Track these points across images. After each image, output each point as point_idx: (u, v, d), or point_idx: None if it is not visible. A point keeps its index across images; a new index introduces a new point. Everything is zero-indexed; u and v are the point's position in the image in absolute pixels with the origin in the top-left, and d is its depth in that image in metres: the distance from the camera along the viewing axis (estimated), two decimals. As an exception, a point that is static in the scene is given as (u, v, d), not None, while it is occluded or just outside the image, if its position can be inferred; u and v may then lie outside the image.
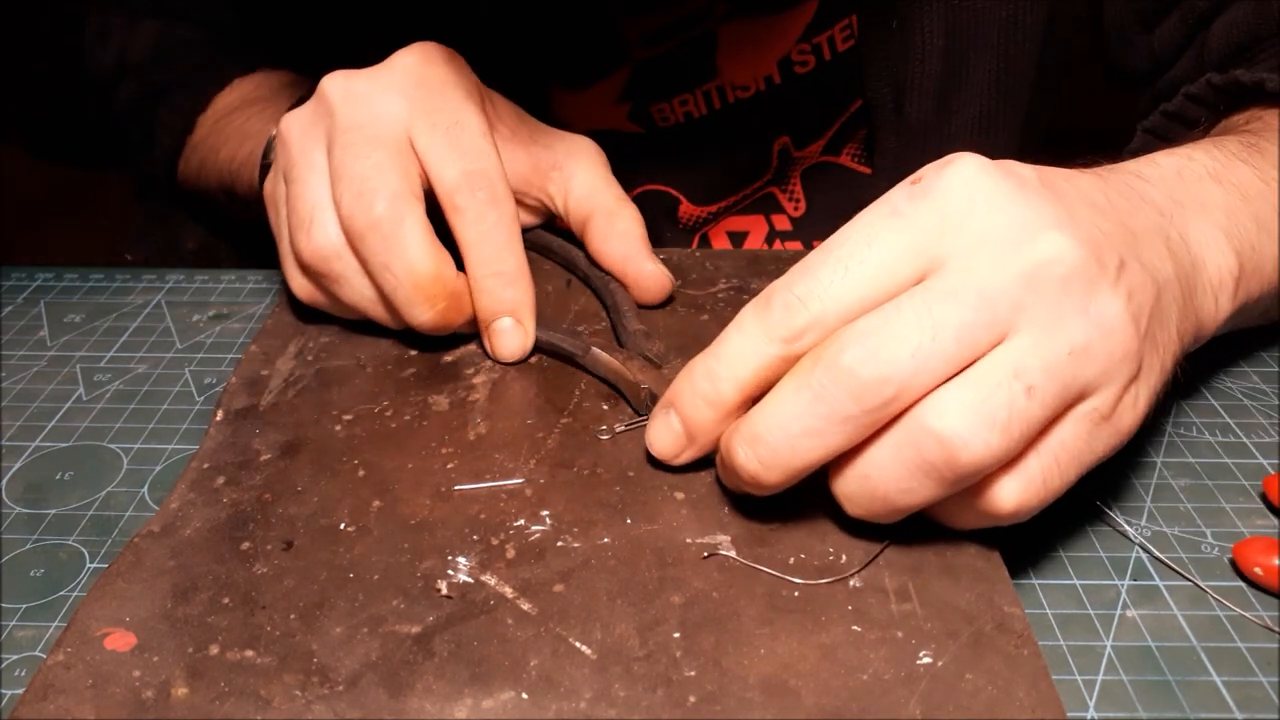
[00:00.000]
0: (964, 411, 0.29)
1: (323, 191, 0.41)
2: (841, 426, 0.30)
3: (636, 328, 0.43)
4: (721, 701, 0.28)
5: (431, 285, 0.40)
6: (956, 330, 0.29)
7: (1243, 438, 0.41)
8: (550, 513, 0.35)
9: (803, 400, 0.30)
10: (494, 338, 0.42)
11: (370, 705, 0.28)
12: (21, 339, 0.49)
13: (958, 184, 0.31)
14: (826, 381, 0.30)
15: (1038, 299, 0.30)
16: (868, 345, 0.30)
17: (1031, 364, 0.29)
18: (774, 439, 0.31)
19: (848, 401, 0.30)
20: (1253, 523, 0.37)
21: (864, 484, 0.31)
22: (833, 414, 0.30)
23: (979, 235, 0.31)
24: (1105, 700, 0.31)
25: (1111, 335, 0.30)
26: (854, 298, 0.31)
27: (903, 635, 0.30)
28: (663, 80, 0.58)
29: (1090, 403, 0.31)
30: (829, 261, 0.31)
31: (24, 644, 0.33)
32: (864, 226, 0.32)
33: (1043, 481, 0.31)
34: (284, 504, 0.35)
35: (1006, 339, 0.30)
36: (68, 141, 0.70)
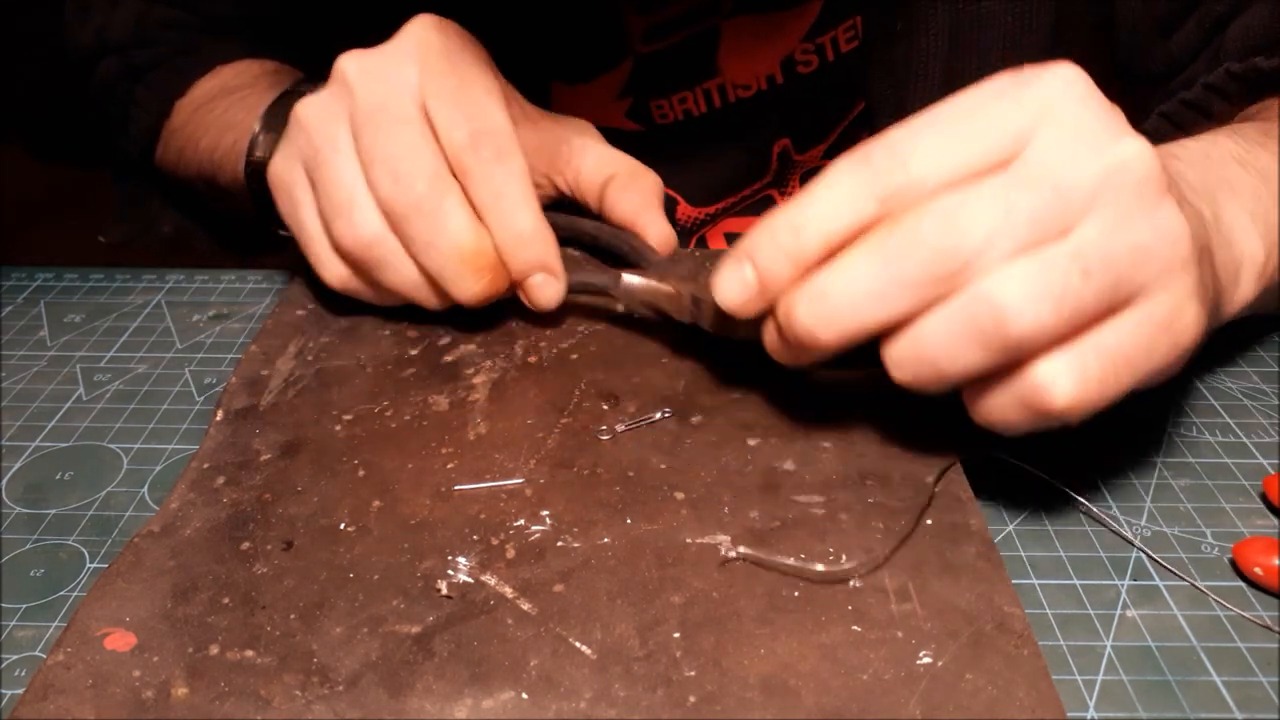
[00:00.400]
0: (1020, 282, 0.30)
1: (355, 176, 0.41)
2: (906, 291, 0.31)
3: (659, 259, 0.43)
4: (721, 701, 0.28)
5: (478, 258, 0.41)
6: (1030, 216, 0.30)
7: (1243, 438, 0.41)
8: (550, 513, 0.35)
9: (874, 263, 0.31)
10: (530, 293, 0.43)
11: (370, 705, 0.28)
12: (21, 339, 0.49)
13: (1061, 80, 0.32)
14: (900, 247, 0.31)
15: (1111, 196, 0.31)
16: (945, 218, 0.31)
17: (1092, 252, 0.30)
18: (839, 297, 0.32)
19: (916, 268, 0.31)
20: (1253, 523, 0.37)
21: (915, 346, 0.32)
22: (901, 278, 0.31)
23: (1070, 125, 0.31)
24: (1105, 700, 0.31)
25: (1174, 243, 0.31)
26: (952, 163, 0.32)
27: (903, 635, 0.30)
28: (663, 76, 0.58)
29: (1147, 305, 0.31)
30: (933, 126, 0.32)
31: (24, 644, 0.33)
32: (970, 98, 0.33)
33: (1099, 376, 0.31)
34: (284, 504, 0.35)
35: (1074, 229, 0.31)
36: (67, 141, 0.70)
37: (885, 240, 0.31)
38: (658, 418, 0.39)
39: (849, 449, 0.37)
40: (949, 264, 0.30)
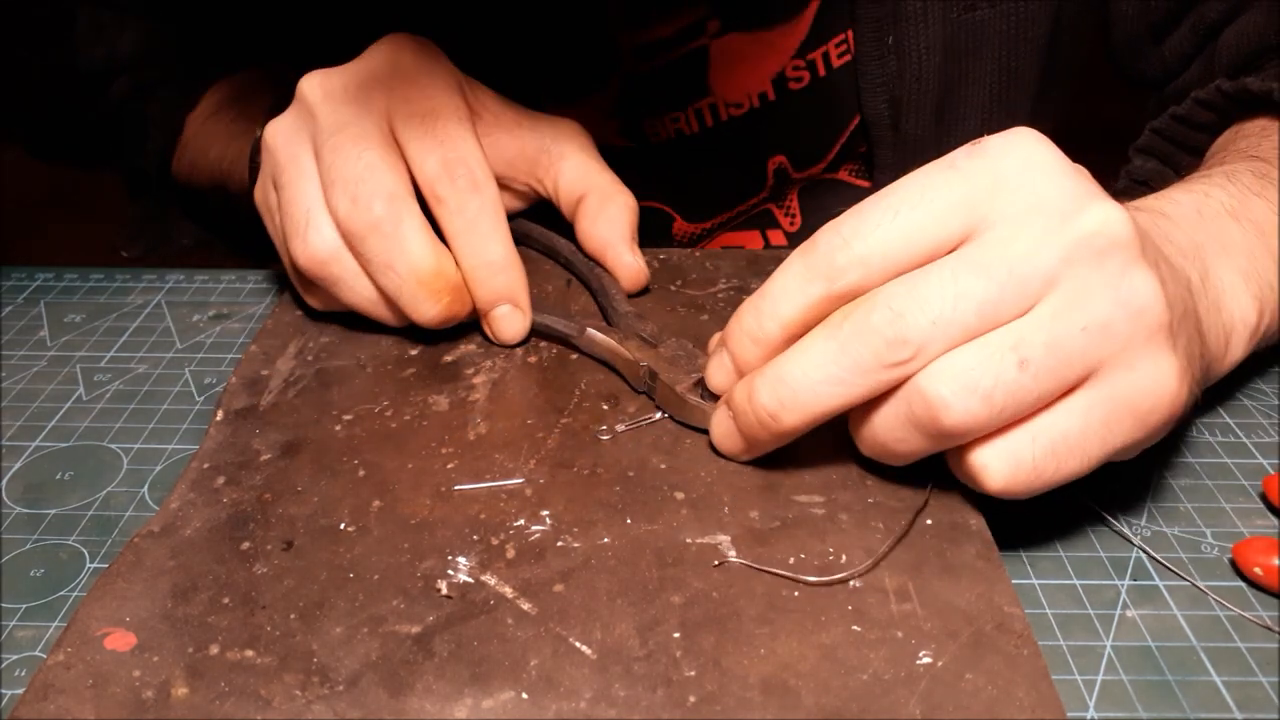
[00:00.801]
0: (953, 376, 0.30)
1: (315, 195, 0.41)
2: (860, 378, 0.32)
3: (626, 309, 0.43)
4: (721, 701, 0.28)
5: (435, 280, 0.41)
6: (979, 304, 0.30)
7: (1242, 438, 0.41)
8: (550, 513, 0.35)
9: (829, 349, 0.32)
10: (494, 324, 0.43)
11: (370, 705, 0.28)
12: (21, 339, 0.49)
13: (1017, 149, 0.32)
14: (852, 335, 0.31)
15: (1072, 272, 0.30)
16: (895, 308, 0.31)
17: (1035, 338, 0.30)
18: (797, 381, 0.32)
19: (868, 356, 0.31)
20: (1253, 523, 0.37)
21: (870, 432, 0.33)
22: (854, 365, 0.31)
23: (1029, 202, 0.31)
24: (1105, 700, 0.31)
25: (1139, 314, 0.30)
26: (899, 243, 0.32)
27: (902, 635, 0.30)
28: (654, 96, 0.58)
29: (1104, 383, 0.31)
30: (880, 206, 0.32)
31: (24, 644, 0.33)
32: (920, 177, 0.33)
33: (1033, 462, 0.31)
34: (284, 504, 0.35)
35: (1029, 311, 0.31)
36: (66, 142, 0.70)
37: (838, 327, 0.32)
38: (657, 418, 0.39)
39: (849, 449, 0.37)
40: (898, 352, 0.31)
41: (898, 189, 0.32)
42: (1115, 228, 0.31)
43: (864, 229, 0.32)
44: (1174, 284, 0.33)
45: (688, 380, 0.38)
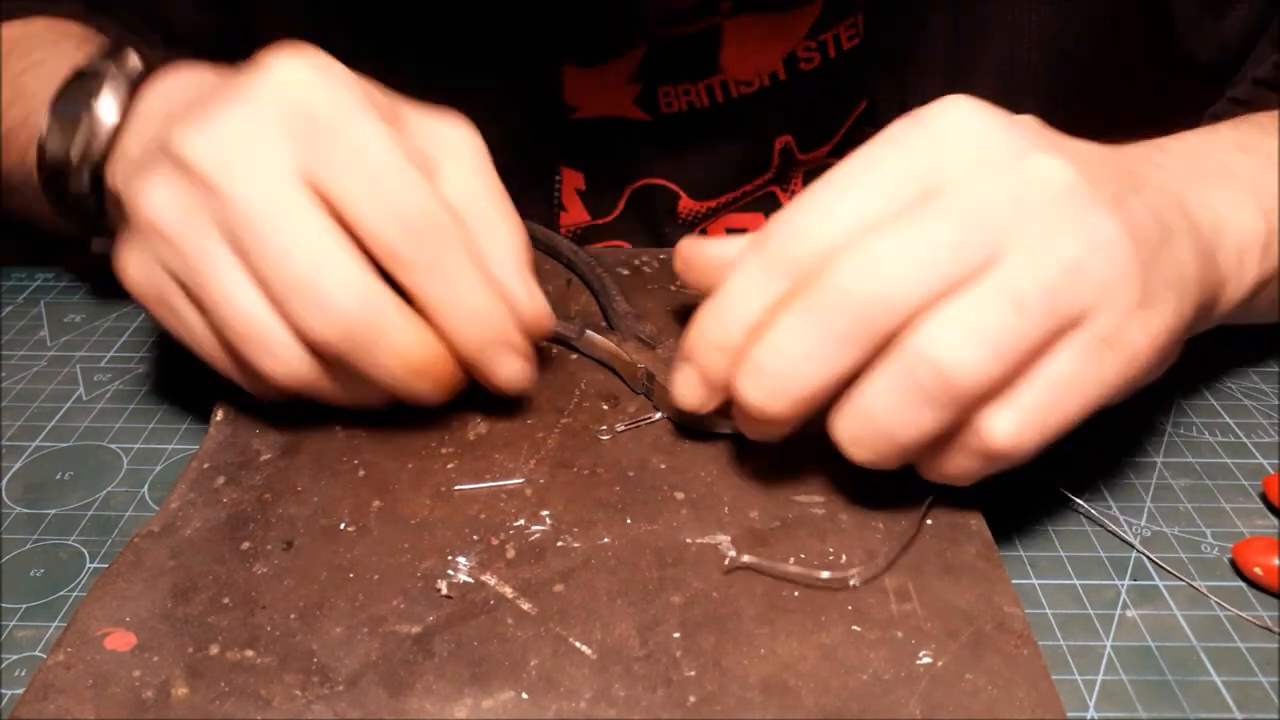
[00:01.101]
0: (953, 332, 0.29)
1: (260, 307, 0.34)
2: (840, 346, 0.30)
3: (626, 309, 0.43)
4: (721, 701, 0.28)
5: (430, 364, 0.36)
6: (948, 247, 0.30)
7: (1243, 438, 0.41)
8: (550, 513, 0.35)
9: (800, 323, 0.30)
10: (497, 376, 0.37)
11: (370, 705, 0.28)
12: (21, 339, 0.49)
13: (952, 114, 0.32)
14: (822, 301, 0.30)
15: (1028, 218, 0.30)
16: (860, 261, 0.30)
17: (1021, 282, 0.30)
18: (775, 366, 0.31)
19: (844, 319, 0.30)
20: (1253, 523, 0.37)
21: (867, 422, 0.31)
22: (830, 333, 0.30)
23: (973, 159, 0.31)
24: (1105, 700, 0.31)
25: (1108, 252, 0.30)
26: (855, 222, 0.31)
27: (902, 635, 0.30)
28: (672, 64, 0.57)
29: (1089, 327, 0.30)
30: (829, 188, 0.32)
31: (24, 644, 0.33)
32: (863, 155, 0.32)
33: (1040, 413, 0.30)
34: (284, 504, 0.35)
35: (999, 260, 0.30)
36: None
37: (807, 299, 0.31)
38: (657, 418, 0.39)
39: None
40: (875, 308, 0.30)
41: (843, 170, 0.32)
42: (1058, 173, 0.30)
43: (818, 214, 0.31)
44: (1148, 215, 0.32)
45: None
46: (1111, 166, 0.33)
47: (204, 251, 0.34)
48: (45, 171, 0.42)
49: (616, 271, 0.48)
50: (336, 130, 0.34)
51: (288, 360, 0.35)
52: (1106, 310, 0.30)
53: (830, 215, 0.31)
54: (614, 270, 0.48)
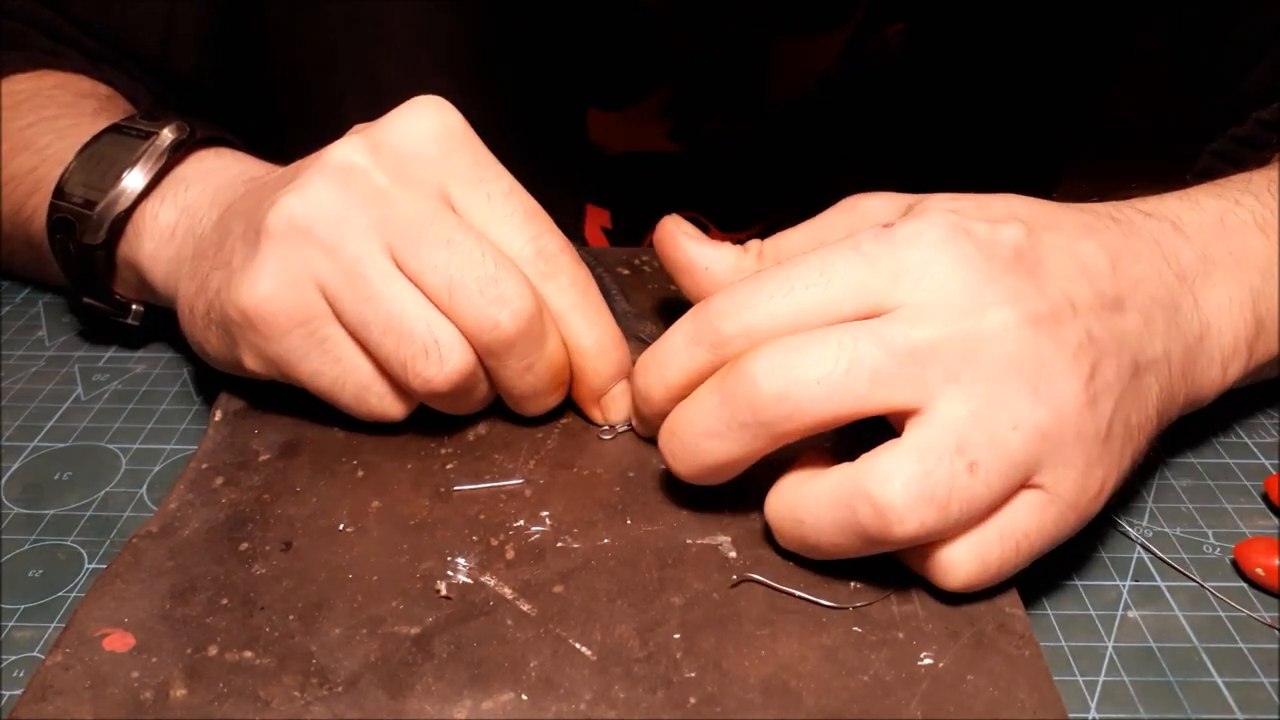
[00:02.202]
0: (906, 484, 0.29)
1: (421, 305, 0.34)
2: (740, 433, 0.31)
3: (626, 309, 0.43)
4: (722, 703, 0.28)
5: (564, 372, 0.37)
6: (873, 374, 0.29)
7: (1244, 438, 0.41)
8: (550, 513, 0.35)
9: (710, 402, 0.31)
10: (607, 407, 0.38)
11: (369, 706, 0.28)
12: (20, 339, 0.49)
13: (926, 239, 0.31)
14: (732, 387, 0.30)
15: (976, 371, 0.30)
16: (777, 360, 0.30)
17: (975, 439, 0.29)
18: (683, 434, 0.32)
19: (745, 410, 0.30)
20: (1254, 523, 0.37)
21: (796, 527, 0.31)
22: (732, 420, 0.30)
23: (931, 293, 0.30)
24: (1107, 701, 0.31)
25: (1065, 416, 0.30)
26: (790, 318, 0.31)
27: (904, 636, 0.30)
28: (706, 93, 0.57)
29: (1047, 485, 0.30)
30: (777, 278, 0.32)
31: (22, 645, 0.33)
32: (822, 255, 0.32)
33: (998, 561, 0.30)
34: (283, 504, 0.35)
35: (936, 403, 0.29)
36: None
37: (720, 379, 0.31)
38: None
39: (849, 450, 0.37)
40: (777, 409, 0.30)
41: (798, 263, 0.32)
42: (1013, 334, 0.30)
43: (756, 299, 0.31)
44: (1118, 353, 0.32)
45: None
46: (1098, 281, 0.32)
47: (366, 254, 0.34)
48: (57, 215, 0.43)
49: (616, 271, 0.48)
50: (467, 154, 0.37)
51: (444, 363, 0.34)
52: (1059, 469, 0.30)
53: (769, 307, 0.31)
54: (614, 270, 0.47)
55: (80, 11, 0.54)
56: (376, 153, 0.36)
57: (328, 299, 0.35)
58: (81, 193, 0.42)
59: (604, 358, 0.37)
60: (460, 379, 0.35)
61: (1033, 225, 0.33)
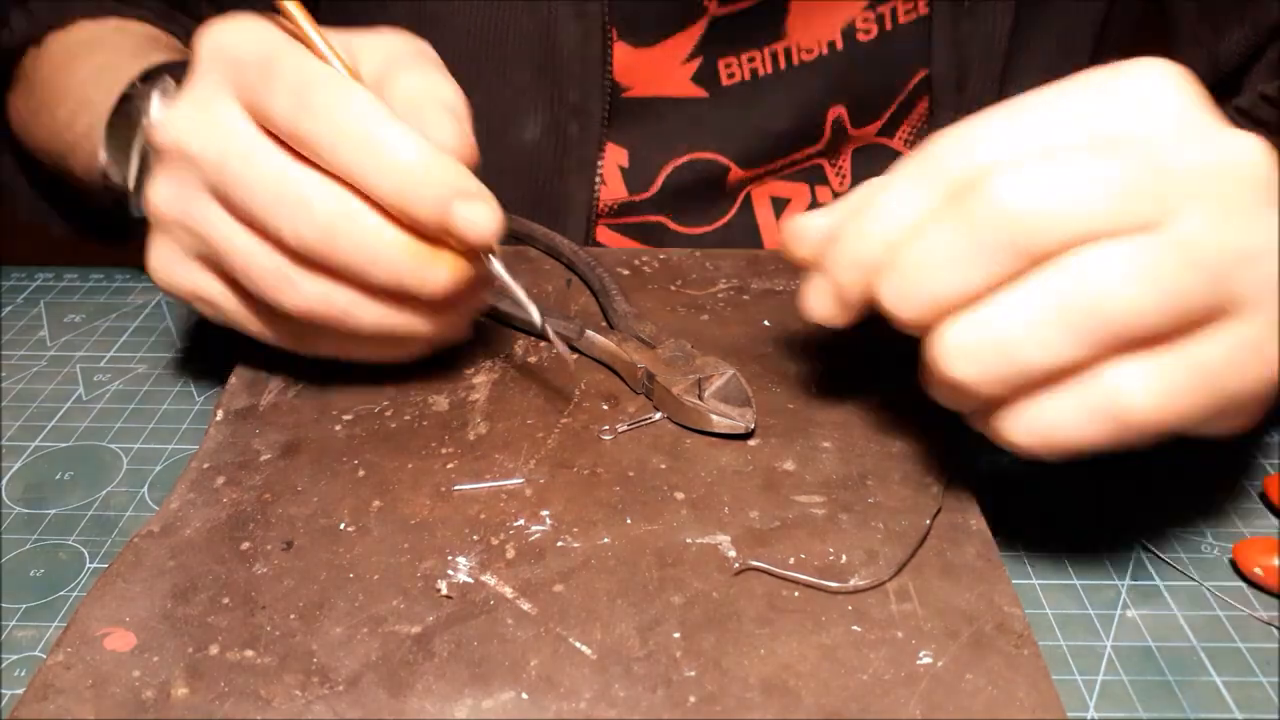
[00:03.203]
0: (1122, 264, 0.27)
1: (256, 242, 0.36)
2: (986, 258, 0.28)
3: (626, 309, 0.43)
4: (721, 702, 0.28)
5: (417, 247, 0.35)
6: (1122, 188, 0.28)
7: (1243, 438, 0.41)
8: (550, 513, 0.35)
9: (949, 230, 0.29)
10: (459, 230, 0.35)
11: (370, 705, 0.28)
12: (21, 339, 0.49)
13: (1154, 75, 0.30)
14: (975, 210, 0.28)
15: (1216, 189, 0.28)
16: (1026, 175, 0.28)
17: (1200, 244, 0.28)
18: (915, 269, 0.30)
19: (995, 231, 0.28)
20: (1253, 523, 0.37)
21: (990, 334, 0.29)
22: (978, 244, 0.28)
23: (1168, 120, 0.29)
24: (1105, 700, 0.31)
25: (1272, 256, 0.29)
26: (1022, 148, 0.29)
27: (903, 635, 0.30)
28: (734, 36, 0.56)
29: (1245, 321, 0.29)
30: (1006, 110, 0.30)
31: (24, 644, 0.33)
32: (1052, 89, 0.30)
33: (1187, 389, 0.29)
34: (284, 504, 0.35)
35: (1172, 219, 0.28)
36: None
37: (960, 206, 0.29)
38: (657, 418, 0.39)
39: (849, 449, 0.37)
40: (1029, 228, 0.28)
41: (1027, 98, 0.30)
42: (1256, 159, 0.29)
43: (985, 136, 0.30)
44: None
45: (684, 382, 0.38)
46: None
47: (204, 217, 0.36)
48: (111, 194, 0.45)
49: (616, 271, 0.48)
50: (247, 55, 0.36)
51: (296, 286, 0.36)
52: (1263, 311, 0.29)
53: (997, 136, 0.30)
54: (614, 270, 0.48)
55: None
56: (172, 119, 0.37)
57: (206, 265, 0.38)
58: (119, 175, 0.44)
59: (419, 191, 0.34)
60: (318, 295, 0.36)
61: None
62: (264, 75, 0.35)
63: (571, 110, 0.46)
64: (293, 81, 0.34)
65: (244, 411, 0.40)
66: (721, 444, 0.37)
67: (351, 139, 0.34)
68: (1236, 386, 0.29)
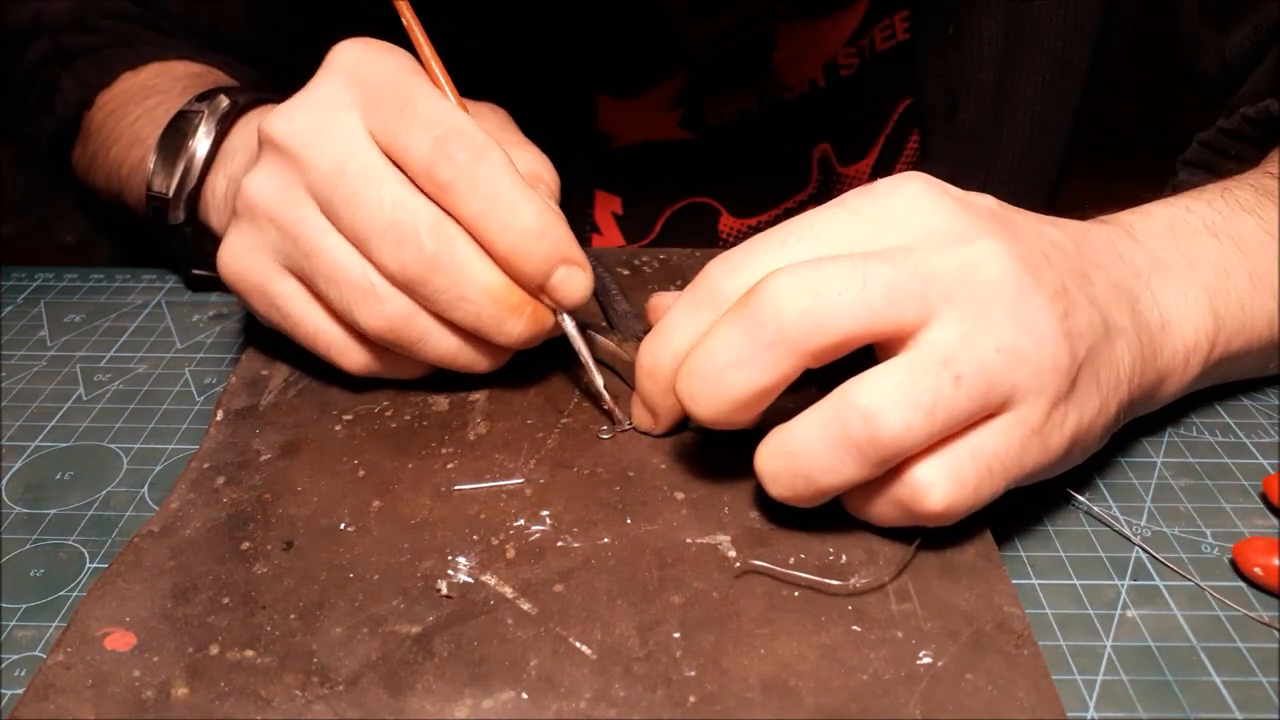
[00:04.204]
0: (892, 391, 0.30)
1: (354, 256, 0.37)
2: (765, 356, 0.30)
3: (626, 309, 0.43)
4: (721, 701, 0.28)
5: (511, 294, 0.37)
6: (886, 287, 0.30)
7: (1242, 438, 0.41)
8: (550, 513, 0.35)
9: (731, 331, 0.31)
10: (555, 293, 0.37)
11: (370, 705, 0.28)
12: (21, 339, 0.49)
13: (906, 191, 0.33)
14: (753, 309, 0.30)
15: (968, 293, 0.31)
16: (796, 278, 0.30)
17: (961, 355, 0.30)
18: (704, 370, 0.31)
19: (771, 329, 0.30)
20: (1253, 523, 0.37)
21: (789, 460, 0.31)
22: (757, 342, 0.30)
23: (920, 231, 0.32)
24: (1105, 700, 0.31)
25: (1041, 344, 0.31)
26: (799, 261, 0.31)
27: (903, 635, 0.30)
28: (718, 80, 0.57)
29: (1019, 410, 0.31)
30: (769, 238, 0.33)
31: (24, 644, 0.33)
32: (811, 215, 0.33)
33: (974, 479, 0.31)
34: (284, 504, 0.35)
35: (931, 324, 0.30)
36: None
37: (739, 307, 0.31)
38: (658, 418, 0.39)
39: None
40: (803, 323, 0.30)
41: (789, 224, 0.33)
42: (1000, 261, 0.31)
43: (752, 259, 0.32)
44: (1091, 311, 0.33)
45: None
46: (1066, 254, 0.34)
47: (301, 218, 0.37)
48: (151, 203, 0.47)
49: (616, 271, 0.48)
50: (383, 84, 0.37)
51: (381, 305, 0.37)
52: (1034, 398, 0.31)
53: (762, 258, 0.32)
54: (614, 270, 0.48)
55: (177, 9, 0.59)
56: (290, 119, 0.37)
57: (279, 263, 0.39)
58: (162, 181, 0.47)
59: (528, 256, 0.36)
60: (400, 317, 0.37)
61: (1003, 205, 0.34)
62: (404, 110, 0.36)
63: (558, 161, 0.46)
64: (435, 125, 0.36)
65: (244, 411, 0.40)
66: (722, 444, 0.37)
67: (484, 193, 0.36)
68: (1020, 467, 0.32)
